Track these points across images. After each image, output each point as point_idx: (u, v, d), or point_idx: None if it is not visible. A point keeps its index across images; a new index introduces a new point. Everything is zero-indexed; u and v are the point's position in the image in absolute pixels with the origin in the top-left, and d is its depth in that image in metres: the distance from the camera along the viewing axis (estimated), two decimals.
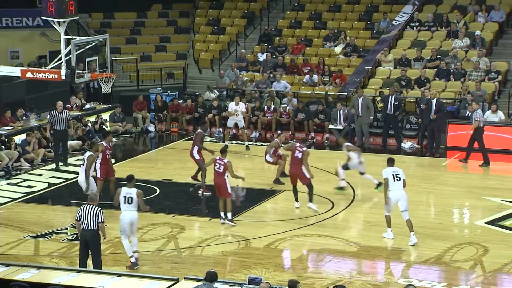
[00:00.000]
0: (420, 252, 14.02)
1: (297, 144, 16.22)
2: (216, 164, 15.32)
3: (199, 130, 17.63)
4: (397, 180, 14.32)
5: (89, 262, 12.50)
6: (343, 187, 17.35)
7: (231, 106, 21.96)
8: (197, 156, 17.22)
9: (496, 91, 23.06)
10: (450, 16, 25.79)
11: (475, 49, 24.23)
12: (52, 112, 19.79)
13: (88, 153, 15.77)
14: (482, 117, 19.95)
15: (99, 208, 12.38)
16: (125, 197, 13.07)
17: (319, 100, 23.52)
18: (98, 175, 16.09)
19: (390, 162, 14.63)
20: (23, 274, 11.03)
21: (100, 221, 12.26)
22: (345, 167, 17.36)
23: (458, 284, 12.80)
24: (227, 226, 15.42)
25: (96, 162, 15.98)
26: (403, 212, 14.40)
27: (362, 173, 17.40)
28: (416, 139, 21.92)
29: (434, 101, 20.91)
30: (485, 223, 15.64)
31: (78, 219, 12.39)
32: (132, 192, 13.09)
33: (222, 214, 15.42)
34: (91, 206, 12.35)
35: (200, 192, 17.17)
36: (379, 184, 16.87)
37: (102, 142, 16.60)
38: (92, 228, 12.26)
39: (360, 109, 21.61)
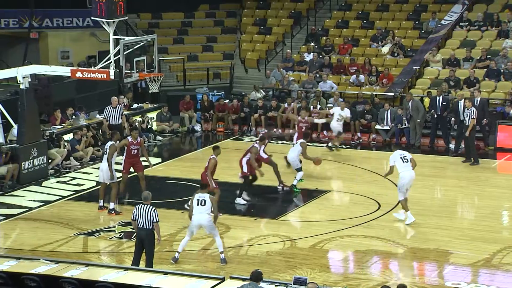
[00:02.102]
0: (469, 254, 13.81)
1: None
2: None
3: (266, 131, 17.89)
4: (405, 161, 15.16)
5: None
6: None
7: (336, 110, 20.99)
8: (264, 156, 17.42)
9: None
10: (501, 16, 25.35)
11: None
12: (107, 107, 20.30)
13: (110, 143, 16.06)
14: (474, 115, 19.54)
15: (154, 208, 12.48)
16: (198, 200, 13.26)
17: (366, 100, 23.36)
18: (122, 169, 16.35)
19: (397, 146, 15.07)
20: (72, 271, 11.18)
21: (155, 221, 12.36)
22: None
23: None
24: (271, 226, 15.44)
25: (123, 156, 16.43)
26: (406, 191, 15.12)
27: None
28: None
29: (461, 103, 20.48)
30: None
31: (134, 218, 12.52)
32: (206, 196, 13.27)
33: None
34: (146, 205, 12.45)
35: (280, 187, 17.43)
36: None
37: (127, 137, 16.79)
38: (147, 227, 12.37)
39: (411, 112, 21.59)
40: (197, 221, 13.21)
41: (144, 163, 16.91)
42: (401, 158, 15.20)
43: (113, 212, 15.95)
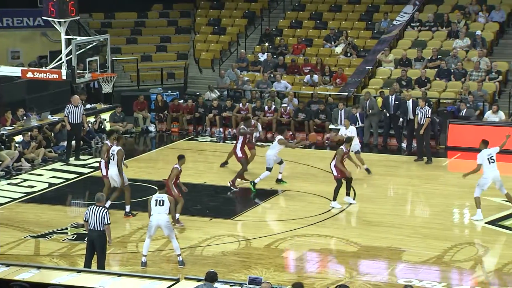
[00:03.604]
0: (420, 252, 14.01)
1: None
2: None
3: (242, 127, 18.06)
4: (492, 162, 15.20)
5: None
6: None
7: (342, 131, 19.51)
8: (239, 154, 17.65)
9: (497, 91, 23.05)
10: (451, 16, 25.79)
11: (476, 49, 24.23)
12: (68, 105, 20.06)
13: (116, 148, 15.88)
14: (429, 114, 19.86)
15: (106, 210, 12.40)
16: (156, 200, 13.18)
17: (321, 100, 23.53)
18: (104, 173, 16.14)
19: (485, 144, 15.43)
20: (24, 274, 11.05)
21: (106, 222, 12.28)
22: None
23: (458, 284, 12.80)
24: (226, 226, 15.45)
25: (101, 161, 16.14)
26: (501, 188, 15.45)
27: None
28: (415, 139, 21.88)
29: (409, 102, 20.82)
30: (486, 223, 15.62)
31: (86, 219, 12.42)
32: (164, 196, 13.27)
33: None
34: (98, 207, 12.36)
35: (229, 184, 17.53)
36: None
37: (106, 142, 16.61)
38: (98, 229, 12.28)
39: (367, 110, 21.90)
40: (155, 221, 13.13)
41: None
42: (488, 158, 15.23)
43: (130, 214, 15.83)
